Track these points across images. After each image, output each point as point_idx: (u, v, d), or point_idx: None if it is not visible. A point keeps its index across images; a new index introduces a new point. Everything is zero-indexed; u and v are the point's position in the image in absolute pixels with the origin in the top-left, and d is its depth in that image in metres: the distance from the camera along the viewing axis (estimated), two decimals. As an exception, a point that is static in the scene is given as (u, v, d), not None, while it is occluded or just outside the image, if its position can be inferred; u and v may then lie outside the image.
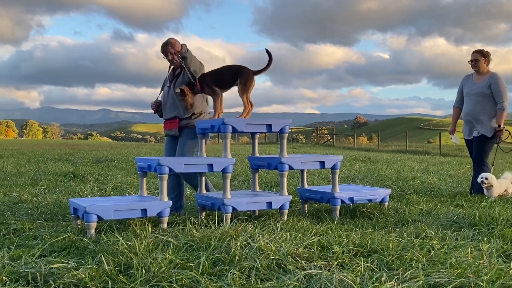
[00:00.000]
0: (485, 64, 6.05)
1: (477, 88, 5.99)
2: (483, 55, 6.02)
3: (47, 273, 2.54)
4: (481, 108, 5.93)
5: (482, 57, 6.01)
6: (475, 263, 2.68)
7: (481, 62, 6.01)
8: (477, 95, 5.97)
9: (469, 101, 6.08)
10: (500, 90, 5.87)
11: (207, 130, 4.45)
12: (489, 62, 6.08)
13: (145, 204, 3.83)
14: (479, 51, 6.07)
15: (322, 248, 3.00)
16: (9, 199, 5.41)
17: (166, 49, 4.63)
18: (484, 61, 6.01)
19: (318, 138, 41.07)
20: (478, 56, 6.02)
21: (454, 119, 6.53)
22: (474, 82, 6.09)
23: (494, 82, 5.89)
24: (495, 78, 5.93)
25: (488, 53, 6.10)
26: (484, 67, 6.05)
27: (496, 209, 4.46)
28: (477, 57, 6.02)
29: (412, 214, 4.50)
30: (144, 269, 2.54)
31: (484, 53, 6.05)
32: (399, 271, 2.58)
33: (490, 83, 5.91)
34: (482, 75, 6.05)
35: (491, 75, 5.99)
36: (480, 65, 6.02)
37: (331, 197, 4.55)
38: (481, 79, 6.03)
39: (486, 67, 6.07)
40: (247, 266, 2.60)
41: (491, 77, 5.96)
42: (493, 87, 5.88)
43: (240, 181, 7.65)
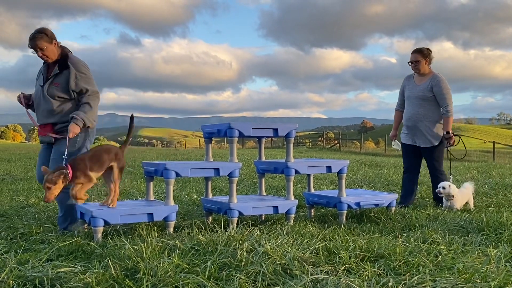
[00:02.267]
0: (426, 65, 5.53)
1: (418, 91, 5.50)
2: (423, 54, 5.49)
3: (54, 277, 2.55)
4: (424, 113, 5.47)
5: (423, 57, 5.48)
6: (482, 268, 2.66)
7: (421, 63, 5.49)
8: (419, 99, 5.49)
9: (410, 105, 5.59)
10: (443, 93, 5.40)
11: (213, 135, 4.46)
12: (430, 61, 5.56)
13: (151, 208, 3.83)
14: (418, 51, 5.52)
15: (328, 253, 2.99)
16: (16, 203, 5.44)
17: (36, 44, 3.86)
18: (425, 61, 5.49)
19: (325, 142, 41.01)
20: (418, 57, 5.49)
21: (395, 123, 5.96)
22: (415, 84, 5.59)
23: (436, 85, 5.41)
24: (437, 80, 5.44)
25: (429, 51, 5.55)
26: (426, 68, 5.53)
27: (504, 214, 4.43)
28: (417, 58, 5.50)
29: (419, 219, 4.48)
30: (151, 273, 2.54)
31: (425, 52, 5.51)
32: (406, 276, 2.56)
33: (432, 85, 5.43)
34: (423, 77, 5.56)
35: (433, 76, 5.49)
36: (420, 67, 5.51)
37: (337, 201, 4.54)
38: (422, 81, 5.54)
39: (428, 67, 5.56)
40: (253, 270, 2.60)
41: (432, 79, 5.46)
42: (436, 90, 5.40)
43: (247, 186, 7.65)
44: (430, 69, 5.57)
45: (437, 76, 5.46)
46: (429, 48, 5.56)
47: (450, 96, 5.44)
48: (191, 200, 5.80)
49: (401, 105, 5.82)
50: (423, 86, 5.48)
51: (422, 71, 5.53)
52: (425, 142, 5.50)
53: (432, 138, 5.47)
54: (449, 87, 5.45)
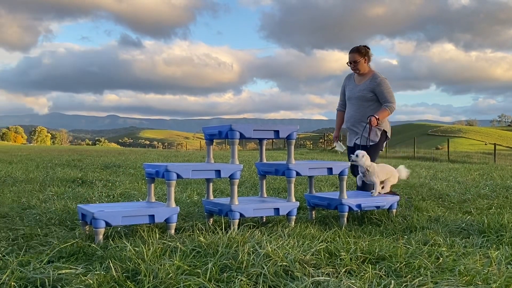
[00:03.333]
0: (366, 64, 5.26)
1: (358, 91, 5.26)
2: (361, 53, 5.22)
3: (56, 278, 2.55)
4: (364, 113, 5.24)
5: (361, 56, 5.21)
6: (484, 270, 2.66)
7: (360, 62, 5.21)
8: (359, 99, 5.26)
9: (351, 106, 5.37)
10: (384, 93, 5.17)
11: (214, 136, 4.46)
12: (369, 60, 5.29)
13: (153, 210, 3.84)
14: (356, 50, 5.24)
15: (329, 255, 2.99)
16: (17, 205, 5.45)
17: None
18: (364, 60, 5.22)
19: (326, 144, 41.00)
20: (356, 57, 5.21)
21: (337, 124, 5.72)
22: (355, 84, 5.35)
23: (378, 85, 5.17)
24: (378, 80, 5.19)
25: (366, 49, 5.27)
26: (365, 67, 5.27)
27: (505, 216, 4.43)
28: (355, 58, 5.21)
29: (420, 221, 4.48)
30: (152, 275, 2.54)
31: (362, 51, 5.23)
32: (408, 278, 2.56)
33: (372, 85, 5.19)
34: (363, 76, 5.31)
35: (373, 76, 5.24)
36: (359, 66, 5.24)
37: (338, 203, 4.53)
38: (362, 81, 5.29)
39: (367, 66, 5.29)
40: (254, 272, 2.60)
41: (373, 79, 5.22)
42: (377, 90, 5.17)
43: (248, 187, 7.65)
44: (370, 68, 5.34)
45: (378, 76, 5.23)
46: (366, 46, 5.31)
47: (393, 95, 5.25)
48: (192, 202, 5.80)
49: (343, 105, 5.63)
50: (363, 86, 5.27)
51: (362, 71, 5.29)
52: (363, 141, 5.25)
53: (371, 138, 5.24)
54: (390, 86, 5.25)
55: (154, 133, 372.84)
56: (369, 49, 5.27)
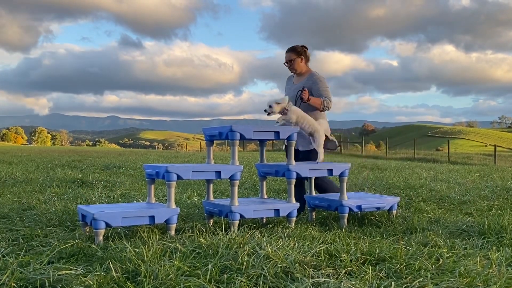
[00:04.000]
0: (303, 63, 5.12)
1: (295, 89, 5.10)
2: (297, 53, 5.08)
3: (56, 279, 2.55)
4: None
5: (297, 55, 5.07)
6: (484, 272, 2.66)
7: (296, 62, 5.08)
8: (294, 99, 5.05)
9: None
10: (320, 90, 4.99)
11: (214, 137, 4.46)
12: (307, 59, 5.16)
13: (153, 211, 3.84)
14: (292, 49, 5.10)
15: (330, 256, 2.99)
16: (18, 206, 5.45)
17: None
18: (300, 59, 5.08)
19: (326, 145, 41.00)
20: (292, 56, 5.07)
21: None
22: (293, 84, 5.22)
23: (314, 83, 5.02)
24: (314, 78, 5.04)
25: (303, 48, 5.13)
26: (302, 67, 5.12)
27: (506, 217, 4.43)
28: (291, 57, 5.08)
29: (420, 222, 4.48)
30: (152, 276, 2.54)
31: (299, 50, 5.09)
32: (408, 279, 2.56)
33: (309, 84, 5.04)
34: (301, 76, 5.17)
35: (310, 75, 5.09)
36: (296, 66, 5.09)
37: (339, 204, 4.53)
38: (300, 80, 5.15)
39: (305, 65, 5.15)
40: (254, 273, 2.60)
41: (309, 77, 5.07)
42: (314, 88, 5.00)
43: (248, 188, 7.65)
44: (307, 68, 5.19)
45: (314, 75, 5.08)
46: (304, 45, 5.16)
47: (330, 93, 5.05)
48: (192, 203, 5.80)
49: None
50: (299, 85, 5.10)
51: (299, 71, 5.14)
52: (303, 144, 5.07)
53: (310, 143, 4.95)
54: (327, 85, 5.08)
55: (155, 134, 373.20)
56: (307, 49, 5.15)
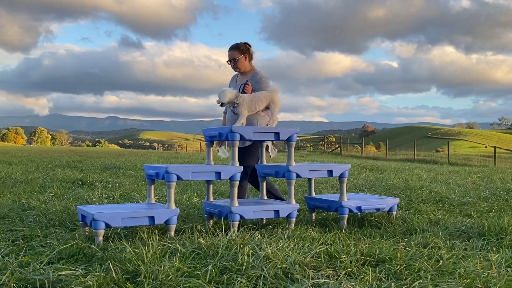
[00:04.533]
0: (247, 61, 4.93)
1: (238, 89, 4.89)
2: (240, 51, 4.88)
3: (55, 280, 2.55)
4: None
5: (240, 53, 4.87)
6: (484, 273, 2.66)
7: (240, 60, 4.88)
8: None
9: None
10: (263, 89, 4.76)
11: (214, 138, 4.46)
12: (251, 58, 4.96)
13: (152, 211, 3.84)
14: (235, 47, 4.90)
15: (329, 257, 2.99)
16: (17, 206, 5.44)
17: None
18: (244, 58, 4.88)
19: (326, 146, 41.03)
20: (235, 54, 4.88)
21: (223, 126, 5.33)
22: (236, 83, 5.04)
23: (257, 82, 4.85)
24: (258, 77, 4.87)
25: (247, 46, 4.94)
26: (246, 65, 4.93)
27: (505, 219, 4.43)
28: (234, 55, 4.88)
29: (420, 223, 4.48)
30: (152, 276, 2.54)
31: (242, 48, 4.90)
32: (408, 281, 2.56)
33: (252, 83, 4.86)
34: (244, 75, 4.98)
35: (254, 74, 4.92)
36: (239, 64, 4.89)
37: (338, 206, 4.53)
38: (243, 79, 4.97)
39: (249, 64, 4.96)
40: (254, 274, 2.60)
41: (253, 77, 4.90)
42: (256, 87, 4.82)
43: (248, 189, 7.64)
44: (251, 66, 5.00)
45: (258, 74, 4.92)
46: (247, 43, 4.97)
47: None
48: (192, 204, 5.80)
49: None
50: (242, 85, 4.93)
51: (243, 69, 4.94)
52: (244, 144, 4.85)
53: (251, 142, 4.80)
54: (269, 85, 4.87)
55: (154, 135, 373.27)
56: (250, 47, 4.98)
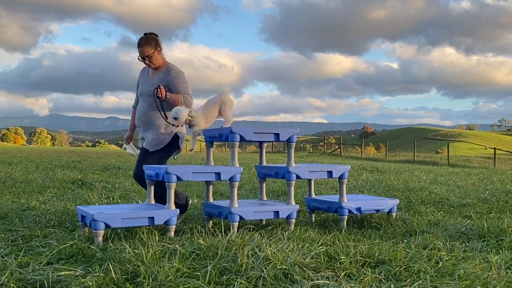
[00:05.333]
0: (160, 55, 4.55)
1: (150, 85, 4.53)
2: (152, 46, 4.49)
3: (55, 280, 2.55)
4: (155, 113, 4.49)
5: (154, 48, 4.50)
6: (483, 275, 2.66)
7: (154, 56, 4.49)
8: (149, 95, 4.49)
9: (143, 103, 4.61)
10: (179, 87, 4.47)
11: (214, 139, 4.46)
12: (161, 48, 4.59)
13: (152, 212, 3.83)
14: (147, 43, 4.50)
15: (329, 258, 2.99)
16: (17, 206, 5.44)
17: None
18: (157, 52, 4.51)
19: (326, 147, 41.03)
20: (149, 51, 4.47)
21: (131, 123, 4.92)
22: (148, 77, 4.65)
23: (172, 78, 4.49)
24: (173, 73, 4.50)
25: (156, 38, 4.56)
26: (159, 59, 4.55)
27: (505, 220, 4.43)
28: (149, 52, 4.46)
29: (420, 225, 4.48)
30: (151, 277, 2.54)
31: (153, 43, 4.51)
32: (407, 282, 2.56)
33: (166, 79, 4.50)
34: (157, 69, 4.60)
35: (168, 68, 4.55)
36: (154, 60, 4.51)
37: (338, 207, 4.53)
38: (156, 74, 4.59)
39: (161, 57, 4.58)
40: (254, 275, 2.60)
41: (167, 72, 4.53)
42: (172, 84, 4.48)
43: (247, 190, 7.65)
44: (163, 59, 4.64)
45: (172, 69, 4.55)
46: (154, 33, 4.60)
47: (190, 90, 4.55)
48: (192, 204, 5.80)
49: (137, 102, 4.82)
50: (156, 79, 4.56)
51: (158, 64, 4.57)
52: (151, 145, 4.54)
53: (159, 142, 4.52)
54: (187, 80, 4.58)
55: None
56: (157, 36, 4.59)
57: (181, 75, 4.54)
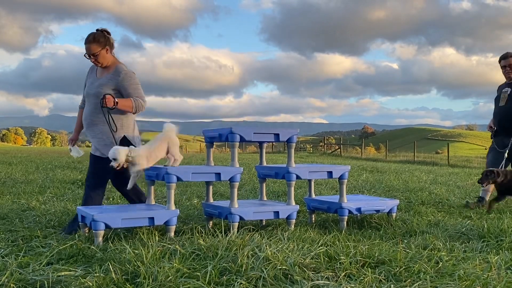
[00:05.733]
0: (108, 54, 4.24)
1: (97, 86, 4.23)
2: (100, 43, 4.18)
3: (55, 280, 2.55)
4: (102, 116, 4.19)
5: (102, 47, 4.18)
6: (483, 275, 2.66)
7: (101, 54, 4.19)
8: (96, 97, 4.19)
9: (88, 104, 4.31)
10: (129, 89, 4.21)
11: (214, 139, 4.46)
12: (112, 47, 4.29)
13: (152, 212, 3.83)
14: (92, 39, 4.18)
15: (329, 259, 2.99)
16: (17, 207, 5.45)
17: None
18: (105, 50, 4.20)
19: (326, 147, 41.03)
20: (96, 48, 4.17)
21: (77, 124, 4.58)
22: (96, 77, 4.34)
23: (122, 80, 4.20)
24: (122, 74, 4.21)
25: (106, 36, 4.24)
26: (107, 58, 4.25)
27: (505, 221, 4.43)
28: (95, 50, 4.17)
29: (420, 225, 4.48)
30: (151, 277, 2.54)
31: (101, 40, 4.20)
32: (407, 282, 2.56)
33: (115, 80, 4.21)
34: (106, 69, 4.30)
35: (117, 69, 4.25)
36: (100, 59, 4.21)
37: (338, 207, 4.53)
38: (104, 74, 4.29)
39: (111, 56, 4.28)
40: (254, 276, 2.60)
41: (116, 72, 4.23)
42: (121, 86, 4.21)
43: (247, 190, 7.65)
44: (114, 58, 4.34)
45: (122, 69, 4.24)
46: (106, 30, 4.31)
47: (141, 92, 4.30)
48: (192, 205, 5.80)
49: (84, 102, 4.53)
50: (103, 80, 4.26)
51: (105, 63, 4.27)
52: (100, 150, 4.27)
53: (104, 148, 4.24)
54: (138, 82, 4.32)
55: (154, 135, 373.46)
56: (110, 34, 4.30)
57: (132, 76, 4.27)
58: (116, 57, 4.38)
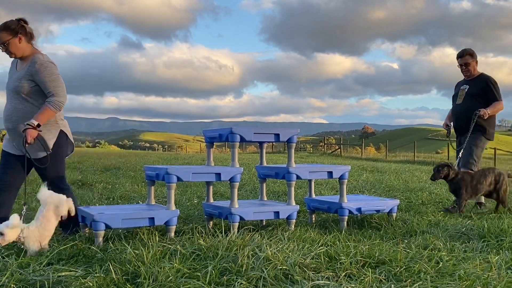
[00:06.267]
0: (22, 43, 3.91)
1: (15, 80, 3.92)
2: (11, 31, 3.85)
3: (55, 281, 2.55)
4: (24, 110, 3.90)
5: (13, 35, 3.85)
6: (484, 275, 2.66)
7: (13, 43, 3.86)
8: (15, 92, 3.91)
9: (8, 99, 4.00)
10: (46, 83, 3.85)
11: (215, 139, 4.47)
12: (31, 37, 3.97)
13: (152, 212, 3.84)
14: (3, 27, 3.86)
15: (329, 259, 2.99)
16: (17, 207, 5.44)
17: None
18: (18, 40, 3.88)
19: (326, 147, 41.03)
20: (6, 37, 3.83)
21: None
22: (16, 70, 4.02)
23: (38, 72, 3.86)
24: (37, 66, 3.86)
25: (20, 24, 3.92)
26: (23, 49, 3.92)
27: (506, 221, 4.43)
28: (4, 39, 3.84)
29: (420, 225, 4.48)
30: (152, 278, 2.54)
31: (12, 27, 3.86)
32: (407, 282, 2.56)
33: (30, 72, 3.87)
34: (25, 60, 3.97)
35: (33, 60, 3.91)
36: (12, 48, 3.88)
37: (338, 207, 4.53)
38: (23, 66, 3.96)
39: (28, 46, 3.96)
40: (254, 276, 2.60)
41: (32, 64, 3.89)
42: (37, 79, 3.86)
43: (248, 191, 7.65)
44: (32, 49, 4.01)
45: (38, 59, 3.90)
46: (22, 19, 3.97)
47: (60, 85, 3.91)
48: (192, 205, 5.80)
49: None
50: (21, 73, 3.93)
51: (20, 54, 3.94)
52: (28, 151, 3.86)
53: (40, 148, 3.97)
54: (58, 73, 3.94)
55: (155, 136, 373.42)
56: (27, 23, 3.96)
57: (48, 65, 3.88)
58: (37, 48, 4.02)
